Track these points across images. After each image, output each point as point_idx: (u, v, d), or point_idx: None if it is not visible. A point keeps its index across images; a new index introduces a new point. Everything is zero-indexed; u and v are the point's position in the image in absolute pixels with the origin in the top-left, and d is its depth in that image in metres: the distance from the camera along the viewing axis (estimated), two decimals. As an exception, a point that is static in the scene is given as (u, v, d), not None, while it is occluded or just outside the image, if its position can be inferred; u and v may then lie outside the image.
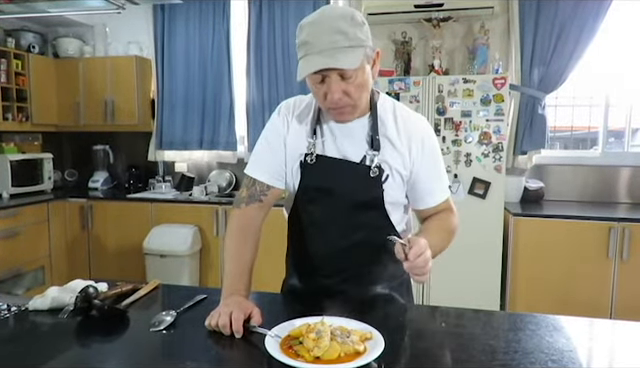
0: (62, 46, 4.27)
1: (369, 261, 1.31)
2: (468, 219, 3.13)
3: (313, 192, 1.29)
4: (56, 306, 1.23)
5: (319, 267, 1.34)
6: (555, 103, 3.74)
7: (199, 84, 4.14)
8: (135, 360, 1.03)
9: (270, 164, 1.32)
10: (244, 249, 1.28)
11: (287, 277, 1.48)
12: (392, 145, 1.26)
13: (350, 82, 1.13)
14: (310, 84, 1.17)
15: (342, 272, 1.32)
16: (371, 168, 1.23)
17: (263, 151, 1.34)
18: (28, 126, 3.98)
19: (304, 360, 0.93)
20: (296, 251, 1.41)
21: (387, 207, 1.28)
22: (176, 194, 4.03)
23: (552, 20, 3.41)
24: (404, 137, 1.26)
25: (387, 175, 1.25)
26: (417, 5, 3.39)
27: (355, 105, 1.18)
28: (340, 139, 1.26)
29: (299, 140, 1.29)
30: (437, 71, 3.38)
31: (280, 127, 1.32)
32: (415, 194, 1.31)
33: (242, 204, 1.32)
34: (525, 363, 0.96)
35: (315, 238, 1.33)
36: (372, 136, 1.24)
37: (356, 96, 1.16)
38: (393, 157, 1.25)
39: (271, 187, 1.32)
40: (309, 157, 1.27)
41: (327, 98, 1.15)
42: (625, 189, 3.54)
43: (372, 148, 1.24)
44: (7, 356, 1.03)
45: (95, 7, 3.37)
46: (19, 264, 3.53)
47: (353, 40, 1.10)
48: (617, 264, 2.96)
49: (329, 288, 1.33)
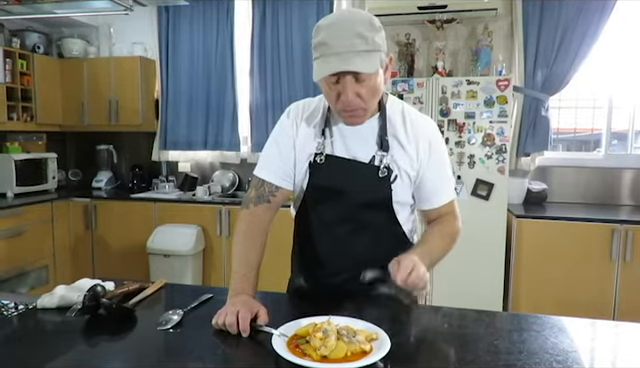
0: (67, 46, 4.29)
1: (375, 260, 1.32)
2: (471, 220, 3.15)
3: (322, 192, 1.30)
4: (64, 304, 1.24)
5: (325, 266, 1.35)
6: (558, 105, 3.74)
7: (203, 85, 4.16)
8: (143, 358, 1.04)
9: (279, 165, 1.33)
10: (251, 249, 1.29)
11: (293, 277, 1.49)
12: (401, 146, 1.27)
13: (364, 85, 1.14)
14: (323, 85, 1.18)
15: (348, 271, 1.32)
16: (380, 168, 1.25)
17: (272, 153, 1.35)
18: (32, 126, 4.00)
19: (311, 359, 0.93)
20: (303, 251, 1.42)
21: (395, 207, 1.29)
22: (180, 194, 4.04)
23: (556, 22, 3.41)
24: (412, 138, 1.27)
25: (395, 176, 1.26)
26: (421, 7, 3.39)
27: (366, 109, 1.19)
28: (349, 140, 1.28)
29: (308, 141, 1.30)
30: (440, 73, 3.39)
31: (289, 129, 1.33)
32: (421, 194, 1.32)
33: (250, 204, 1.33)
34: (530, 363, 0.97)
35: (322, 237, 1.34)
36: (381, 137, 1.26)
37: (368, 99, 1.17)
38: (402, 158, 1.26)
39: (280, 188, 1.33)
40: (319, 157, 1.28)
41: (340, 99, 1.16)
42: (628, 191, 3.54)
43: (381, 148, 1.25)
44: (15, 353, 1.04)
45: (102, 8, 3.39)
46: (23, 263, 3.54)
47: (371, 45, 1.11)
48: (620, 266, 2.96)
49: (335, 287, 1.34)
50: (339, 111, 1.20)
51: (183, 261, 3.57)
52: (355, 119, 1.21)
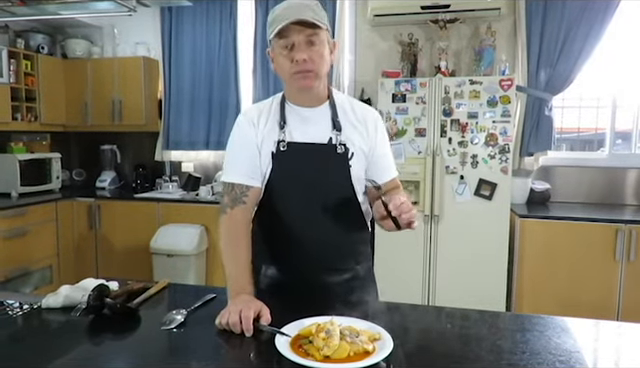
0: (71, 47, 4.30)
1: (340, 242, 1.40)
2: (474, 220, 3.17)
3: (286, 178, 1.36)
4: (68, 304, 1.25)
5: (294, 251, 1.38)
6: (562, 104, 3.73)
7: (206, 84, 4.16)
8: (146, 358, 1.04)
9: (244, 165, 1.37)
10: (238, 250, 1.32)
11: (261, 270, 1.44)
12: (352, 126, 1.39)
13: (313, 50, 1.28)
14: (278, 55, 1.30)
15: (316, 255, 1.37)
16: (337, 146, 1.34)
17: (235, 155, 1.41)
18: (37, 126, 4.01)
19: (314, 359, 0.94)
20: (271, 242, 1.42)
21: (354, 185, 1.37)
22: (183, 194, 4.05)
23: (559, 21, 3.40)
24: (361, 119, 1.41)
25: (352, 153, 1.36)
26: (424, 6, 3.39)
27: (317, 73, 1.30)
28: (306, 126, 1.37)
29: (269, 135, 1.37)
30: (443, 72, 3.39)
31: (248, 128, 1.39)
32: (376, 168, 1.42)
33: (227, 209, 1.36)
34: (533, 363, 0.97)
35: (289, 223, 1.37)
36: (333, 119, 1.37)
37: (318, 63, 1.29)
38: (353, 134, 1.38)
39: (250, 187, 1.36)
40: (281, 144, 1.34)
41: (294, 61, 1.27)
42: (632, 191, 3.53)
43: (335, 128, 1.36)
44: (19, 353, 1.05)
45: (106, 10, 3.41)
46: (27, 263, 3.56)
47: (319, 17, 1.27)
48: (624, 266, 2.95)
49: (309, 271, 1.37)
50: (292, 75, 1.30)
51: (186, 261, 3.58)
52: (307, 81, 1.30)
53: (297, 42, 1.26)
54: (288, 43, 1.27)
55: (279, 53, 1.30)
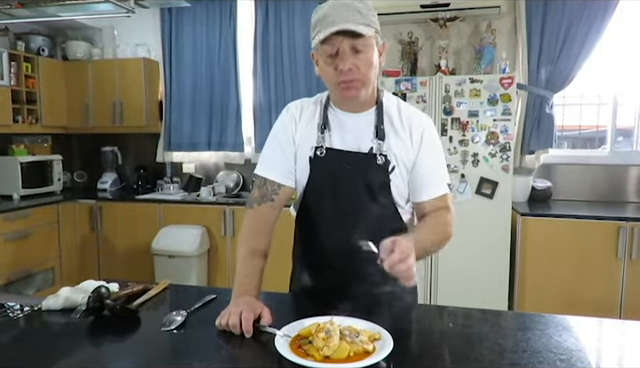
0: (71, 49, 4.31)
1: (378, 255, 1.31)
2: (476, 219, 3.16)
3: (323, 185, 1.31)
4: (69, 306, 1.25)
5: (329, 261, 1.34)
6: (563, 102, 3.72)
7: (206, 85, 4.17)
8: (146, 359, 1.04)
9: (280, 162, 1.34)
10: (256, 249, 1.29)
11: (296, 274, 1.48)
12: (395, 133, 1.29)
13: (360, 57, 1.19)
14: (322, 61, 1.22)
15: (351, 265, 1.29)
16: (377, 156, 1.27)
17: (272, 150, 1.36)
18: (38, 128, 4.02)
19: (314, 359, 0.94)
20: (306, 247, 1.41)
21: (394, 197, 1.30)
22: (184, 195, 4.05)
23: (559, 18, 3.39)
24: (406, 126, 1.30)
25: (393, 166, 1.28)
26: (423, 5, 3.39)
27: (363, 82, 1.22)
28: (347, 133, 1.30)
29: (308, 136, 1.32)
30: (444, 71, 3.38)
31: (289, 125, 1.35)
32: (415, 184, 1.31)
33: (255, 204, 1.34)
34: (534, 362, 0.96)
35: (325, 231, 1.33)
36: (377, 126, 1.29)
37: (364, 72, 1.21)
38: (396, 144, 1.29)
39: (282, 186, 1.33)
40: (319, 150, 1.30)
41: (338, 69, 1.19)
42: (634, 188, 3.52)
43: (377, 137, 1.28)
44: (20, 355, 1.04)
45: (105, 11, 3.41)
46: (29, 265, 3.57)
47: (367, 20, 1.18)
48: (626, 264, 2.94)
49: (339, 282, 1.32)
50: (337, 84, 1.23)
51: (188, 262, 3.58)
52: (352, 91, 1.22)
53: (342, 49, 1.17)
54: (332, 51, 1.18)
55: (323, 59, 1.22)
